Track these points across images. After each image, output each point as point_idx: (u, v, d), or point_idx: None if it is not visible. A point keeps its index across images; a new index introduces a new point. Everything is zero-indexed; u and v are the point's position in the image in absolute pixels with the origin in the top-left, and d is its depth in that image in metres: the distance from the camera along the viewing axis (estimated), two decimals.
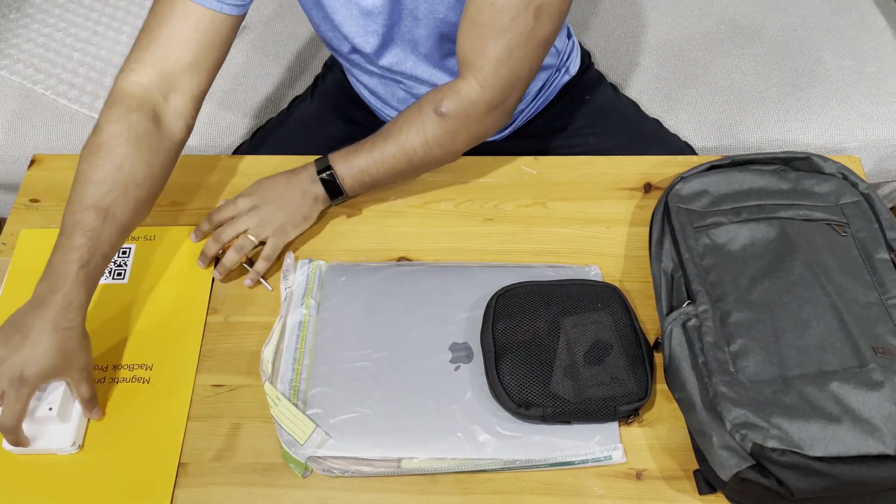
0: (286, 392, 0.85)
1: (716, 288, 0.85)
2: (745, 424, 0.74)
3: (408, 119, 0.93)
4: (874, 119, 1.37)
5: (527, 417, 0.81)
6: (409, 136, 0.92)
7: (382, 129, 0.96)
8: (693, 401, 0.78)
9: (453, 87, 0.90)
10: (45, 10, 1.55)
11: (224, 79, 1.45)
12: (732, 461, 0.73)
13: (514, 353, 0.83)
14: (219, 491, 0.81)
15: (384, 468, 0.80)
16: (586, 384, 0.81)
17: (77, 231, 0.81)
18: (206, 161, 1.08)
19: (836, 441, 0.72)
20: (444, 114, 0.89)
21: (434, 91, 0.93)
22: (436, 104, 0.90)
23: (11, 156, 1.38)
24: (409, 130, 0.92)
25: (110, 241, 0.83)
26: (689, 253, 0.87)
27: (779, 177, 0.94)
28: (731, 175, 0.94)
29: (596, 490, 0.80)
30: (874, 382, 0.75)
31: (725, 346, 0.80)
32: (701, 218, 0.91)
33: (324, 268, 0.96)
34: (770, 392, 0.76)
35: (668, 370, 0.83)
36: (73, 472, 0.82)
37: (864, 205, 0.91)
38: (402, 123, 0.93)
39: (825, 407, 0.74)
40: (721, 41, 1.50)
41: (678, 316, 0.84)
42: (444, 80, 1.03)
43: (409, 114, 0.94)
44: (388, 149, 0.93)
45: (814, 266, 0.85)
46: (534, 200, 1.03)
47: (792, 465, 0.71)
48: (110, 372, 0.88)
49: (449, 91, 0.90)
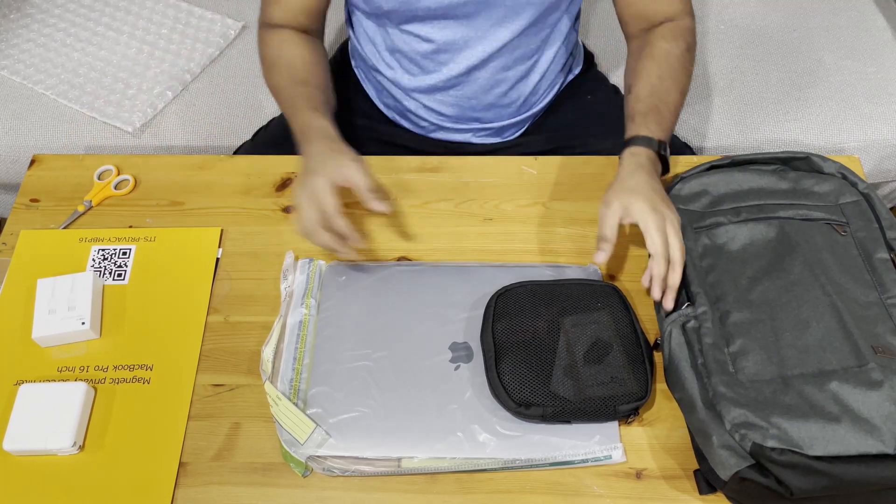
0: (286, 391, 0.85)
1: (715, 288, 0.85)
2: (744, 424, 0.74)
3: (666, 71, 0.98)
4: (874, 119, 1.37)
5: (527, 417, 0.81)
6: (683, 79, 0.99)
7: (642, 94, 0.96)
8: (693, 401, 0.78)
9: (681, 26, 1.02)
10: (45, 10, 1.55)
11: (224, 78, 1.45)
12: (732, 461, 0.74)
13: (514, 353, 0.83)
14: (219, 490, 0.81)
15: (384, 468, 0.81)
16: (586, 384, 0.81)
17: (296, 100, 0.98)
18: (206, 161, 1.08)
19: (836, 440, 0.72)
20: (689, 48, 1.02)
21: (668, 44, 0.99)
22: (682, 45, 1.00)
23: (11, 156, 1.38)
24: (679, 74, 0.99)
25: (324, 98, 1.00)
26: (688, 255, 0.87)
27: (778, 177, 0.94)
28: (731, 175, 0.94)
29: (596, 489, 0.80)
30: (873, 382, 0.75)
31: (725, 346, 0.80)
32: (700, 218, 0.91)
33: (324, 268, 0.96)
34: (769, 392, 0.76)
35: (667, 371, 0.83)
36: (74, 472, 0.82)
37: (863, 204, 0.91)
38: (663, 76, 0.97)
39: (825, 406, 0.74)
40: (721, 41, 1.50)
41: (677, 318, 0.84)
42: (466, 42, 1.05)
43: (663, 68, 0.98)
44: (678, 97, 0.99)
45: (813, 266, 0.85)
46: (534, 200, 1.03)
47: (791, 464, 0.71)
48: (110, 372, 0.88)
49: (684, 30, 1.02)
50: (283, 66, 1.03)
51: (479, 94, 1.10)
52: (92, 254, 0.98)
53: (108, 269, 0.97)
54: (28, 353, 0.90)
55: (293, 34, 1.06)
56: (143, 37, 1.50)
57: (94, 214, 1.03)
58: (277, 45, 1.04)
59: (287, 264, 0.96)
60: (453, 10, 0.99)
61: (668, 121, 0.96)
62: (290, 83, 1.01)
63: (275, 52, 1.04)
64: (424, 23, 1.02)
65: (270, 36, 1.06)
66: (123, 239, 0.99)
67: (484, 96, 1.10)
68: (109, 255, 0.98)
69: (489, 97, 1.11)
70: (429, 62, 1.07)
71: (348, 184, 0.88)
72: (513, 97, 1.12)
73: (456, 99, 1.11)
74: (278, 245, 0.99)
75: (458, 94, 1.10)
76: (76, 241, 0.99)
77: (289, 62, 1.03)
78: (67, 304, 0.90)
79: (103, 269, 0.97)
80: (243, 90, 1.44)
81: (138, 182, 1.06)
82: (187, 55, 1.47)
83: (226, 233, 1.01)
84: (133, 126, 1.36)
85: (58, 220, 1.02)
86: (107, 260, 0.97)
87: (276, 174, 1.06)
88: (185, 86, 1.43)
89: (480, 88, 1.09)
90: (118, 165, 1.07)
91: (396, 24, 1.03)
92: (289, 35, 1.05)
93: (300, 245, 0.99)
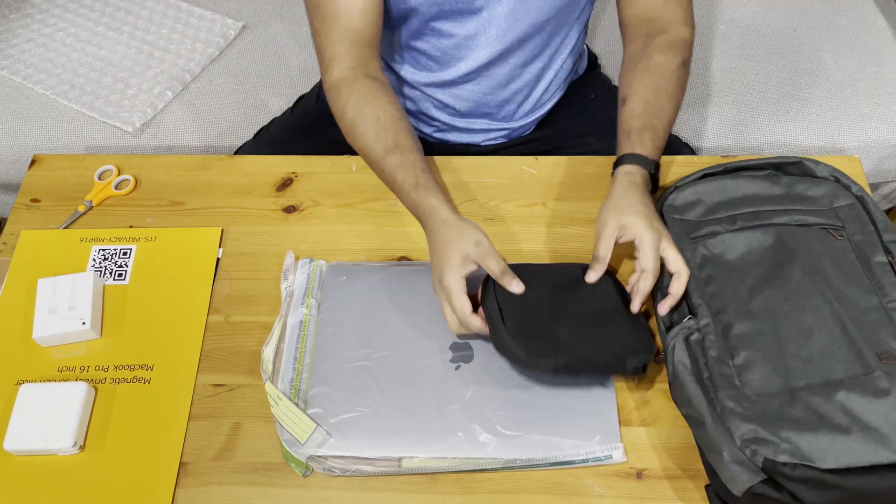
0: (287, 391, 0.85)
1: (716, 300, 0.84)
2: (754, 440, 0.73)
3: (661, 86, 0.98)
4: (873, 119, 1.37)
5: (538, 367, 0.80)
6: (677, 95, 1.00)
7: (637, 109, 0.96)
8: (702, 417, 0.77)
9: (678, 39, 1.02)
10: (45, 10, 1.55)
11: (224, 78, 1.45)
12: (744, 476, 0.72)
13: (520, 313, 0.82)
14: (219, 490, 0.81)
15: (385, 467, 0.81)
16: (594, 339, 0.82)
17: (395, 175, 0.93)
18: (206, 161, 1.08)
19: (847, 452, 0.71)
20: (684, 63, 1.02)
21: (664, 58, 0.99)
22: (678, 60, 1.00)
23: (11, 156, 1.38)
24: (674, 91, 0.99)
25: (415, 163, 0.93)
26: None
27: (771, 182, 0.93)
28: (724, 182, 0.94)
29: (596, 489, 0.80)
30: (880, 390, 0.74)
31: (729, 359, 0.80)
32: (696, 228, 0.91)
33: (324, 268, 0.96)
34: (777, 405, 0.75)
35: (672, 386, 0.83)
36: (74, 472, 0.82)
37: (858, 207, 0.90)
38: (659, 91, 0.98)
39: (833, 417, 0.73)
40: (721, 41, 1.50)
41: (680, 331, 0.83)
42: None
43: (659, 83, 0.98)
44: (672, 114, 0.99)
45: (812, 273, 0.84)
46: (534, 200, 1.03)
47: (804, 478, 0.70)
48: (111, 372, 0.88)
49: (680, 44, 1.02)
50: (367, 128, 0.96)
51: (495, 90, 1.10)
52: (92, 254, 0.98)
53: (109, 269, 0.97)
54: (28, 353, 0.90)
55: (368, 82, 0.98)
56: (143, 37, 1.50)
57: (94, 214, 1.03)
58: (355, 103, 0.97)
59: (287, 264, 0.96)
60: (475, 4, 0.99)
61: (661, 139, 0.97)
62: (383, 152, 0.94)
63: (352, 112, 0.97)
64: (448, 19, 1.02)
65: (347, 89, 0.98)
66: (124, 239, 0.99)
67: (500, 91, 1.11)
68: (110, 255, 0.98)
69: (505, 92, 1.11)
70: (448, 57, 1.07)
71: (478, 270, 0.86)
72: (526, 94, 1.13)
73: (471, 93, 1.11)
74: (278, 245, 0.99)
75: (475, 89, 1.10)
76: (77, 241, 0.99)
77: (374, 124, 0.95)
78: (68, 304, 0.90)
79: (104, 269, 0.97)
80: (243, 90, 1.44)
81: (138, 182, 1.06)
82: (187, 55, 1.47)
83: (226, 233, 1.01)
84: (133, 126, 1.36)
85: (58, 220, 1.02)
86: (107, 260, 0.97)
87: (277, 174, 1.06)
88: (185, 86, 1.43)
89: (497, 84, 1.09)
90: (118, 165, 1.07)
91: (421, 21, 1.03)
92: (363, 85, 0.98)
93: (300, 245, 0.99)
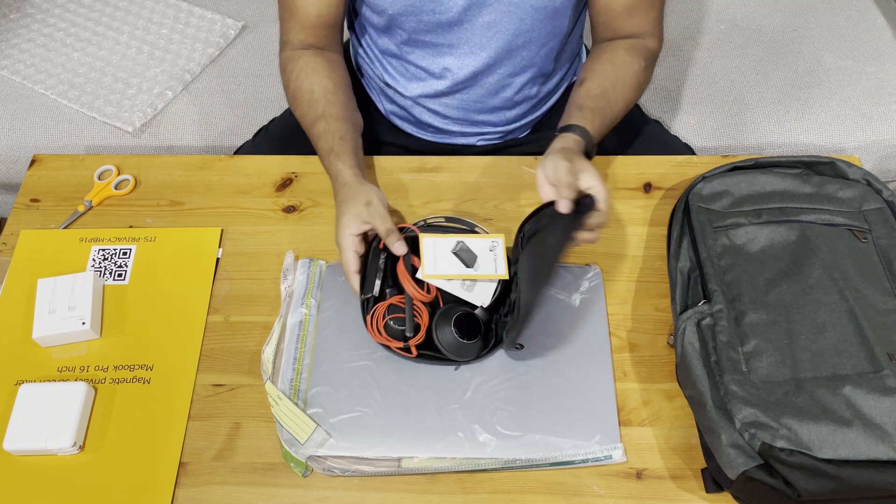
0: (287, 391, 0.85)
1: (732, 288, 0.85)
2: (754, 424, 0.73)
3: (620, 80, 1.02)
4: (874, 119, 1.37)
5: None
6: (631, 94, 1.03)
7: (593, 91, 0.99)
8: (703, 398, 0.78)
9: (644, 46, 1.05)
10: (45, 10, 1.55)
11: (224, 78, 1.45)
12: (740, 460, 0.73)
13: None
14: (219, 490, 0.81)
15: (384, 467, 0.81)
16: None
17: (318, 142, 0.99)
18: (206, 161, 1.08)
19: (846, 444, 0.71)
20: (647, 67, 1.05)
21: (629, 57, 1.02)
22: (641, 63, 1.04)
23: (11, 156, 1.38)
24: (630, 90, 1.02)
25: (336, 131, 0.98)
26: (707, 252, 0.87)
27: (802, 180, 0.93)
28: (754, 177, 0.94)
29: (596, 489, 0.80)
30: (888, 388, 0.74)
31: (739, 345, 0.80)
32: (721, 218, 0.91)
33: (324, 268, 0.96)
34: (781, 393, 0.75)
35: (679, 367, 0.83)
36: (74, 472, 0.82)
37: (887, 212, 0.90)
38: (617, 84, 1.01)
39: (836, 410, 0.73)
40: (721, 41, 1.50)
41: (693, 314, 0.84)
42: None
43: (619, 76, 1.01)
44: (622, 110, 1.02)
45: (832, 271, 0.84)
46: (534, 200, 1.03)
47: (799, 465, 0.71)
48: (111, 372, 0.88)
49: (645, 51, 1.05)
50: (302, 99, 1.02)
51: (485, 98, 1.10)
52: (92, 254, 0.98)
53: (109, 269, 0.97)
54: (28, 353, 0.90)
55: (311, 59, 1.04)
56: (143, 37, 1.50)
57: (94, 214, 1.03)
58: (296, 77, 1.03)
59: (287, 264, 0.96)
60: (461, 17, 0.99)
61: (606, 127, 0.99)
62: (312, 121, 1.00)
63: (294, 85, 1.04)
64: (430, 31, 1.02)
65: (290, 65, 1.05)
66: (124, 239, 0.99)
67: (490, 100, 1.11)
68: (110, 255, 0.98)
69: (495, 101, 1.11)
70: (435, 68, 1.07)
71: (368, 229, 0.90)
72: (518, 102, 1.13)
73: (461, 102, 1.11)
74: (278, 245, 0.99)
75: (465, 98, 1.10)
76: (76, 241, 0.99)
77: (308, 96, 1.02)
78: (68, 304, 0.90)
79: (104, 269, 0.97)
80: (243, 90, 1.44)
81: (138, 182, 1.06)
82: (187, 55, 1.47)
83: (226, 233, 1.01)
84: (133, 126, 1.36)
85: (58, 220, 1.02)
86: (107, 260, 0.97)
87: (277, 174, 1.06)
88: (185, 86, 1.43)
89: (487, 93, 1.10)
90: (118, 165, 1.07)
91: (407, 33, 1.03)
92: (306, 62, 1.04)
93: (300, 245, 0.99)
